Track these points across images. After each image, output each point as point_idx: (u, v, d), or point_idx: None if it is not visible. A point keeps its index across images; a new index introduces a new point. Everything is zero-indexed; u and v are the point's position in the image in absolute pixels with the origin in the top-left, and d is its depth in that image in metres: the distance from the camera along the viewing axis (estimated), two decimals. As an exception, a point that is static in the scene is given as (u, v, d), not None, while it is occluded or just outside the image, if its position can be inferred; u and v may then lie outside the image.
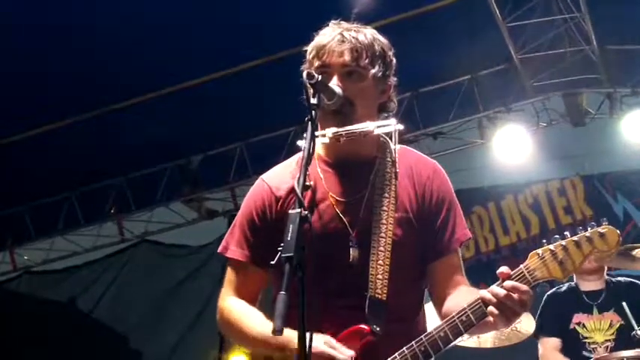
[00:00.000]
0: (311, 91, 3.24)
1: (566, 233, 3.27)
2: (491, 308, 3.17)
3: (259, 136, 12.28)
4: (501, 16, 10.03)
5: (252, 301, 3.62)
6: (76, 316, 13.75)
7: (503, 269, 3.22)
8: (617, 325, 7.26)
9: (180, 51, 9.92)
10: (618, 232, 3.25)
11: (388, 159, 3.58)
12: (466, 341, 7.16)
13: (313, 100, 3.21)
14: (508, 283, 3.17)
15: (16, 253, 13.95)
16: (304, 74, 3.24)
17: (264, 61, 10.28)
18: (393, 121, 3.55)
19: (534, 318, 7.43)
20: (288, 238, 2.87)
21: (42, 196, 12.96)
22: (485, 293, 3.20)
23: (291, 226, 2.89)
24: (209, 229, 13.24)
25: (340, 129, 3.43)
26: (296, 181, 3.06)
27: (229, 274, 3.68)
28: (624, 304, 7.07)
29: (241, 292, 3.62)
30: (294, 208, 2.95)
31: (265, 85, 10.15)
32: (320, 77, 3.25)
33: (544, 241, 3.28)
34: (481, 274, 11.68)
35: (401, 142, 3.65)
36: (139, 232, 13.67)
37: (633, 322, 6.91)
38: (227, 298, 3.63)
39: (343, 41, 3.51)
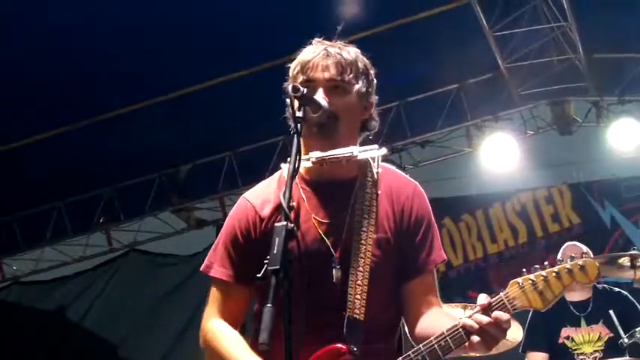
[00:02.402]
0: (296, 104, 3.27)
1: (546, 263, 3.28)
2: (473, 336, 3.19)
3: (248, 146, 12.28)
4: (488, 26, 10.06)
5: (235, 320, 3.63)
6: (66, 326, 13.74)
7: (483, 300, 3.23)
8: (606, 338, 7.29)
9: (168, 61, 9.90)
10: (597, 264, 3.26)
11: (369, 179, 3.58)
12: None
13: (299, 113, 3.24)
14: (494, 313, 3.19)
15: (5, 263, 13.95)
16: (289, 88, 3.26)
17: (252, 71, 10.29)
18: (375, 146, 3.55)
19: (523, 327, 7.45)
20: (274, 251, 2.89)
21: (30, 206, 12.94)
22: (467, 320, 3.20)
23: (277, 239, 2.92)
24: (198, 238, 13.24)
25: (324, 154, 3.45)
26: (282, 194, 3.09)
27: (213, 293, 3.68)
28: (611, 312, 7.10)
29: (225, 312, 3.63)
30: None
31: (254, 94, 10.14)
32: (305, 90, 3.28)
33: (524, 270, 3.29)
34: (469, 281, 11.75)
35: (389, 150, 3.68)
36: (128, 242, 13.66)
37: (620, 331, 6.95)
38: (210, 320, 3.64)
39: (328, 56, 3.53)
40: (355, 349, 3.35)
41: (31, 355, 13.16)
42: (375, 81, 3.69)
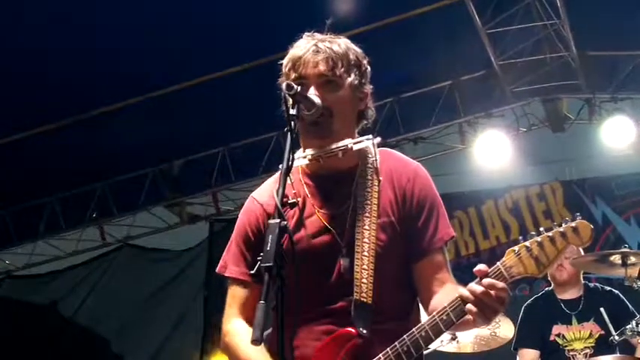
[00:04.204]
0: (290, 102, 3.29)
1: (542, 229, 3.30)
2: (469, 306, 3.20)
3: (241, 141, 12.29)
4: (481, 23, 10.09)
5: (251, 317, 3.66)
6: (58, 320, 13.73)
7: (481, 267, 3.26)
8: (597, 335, 7.32)
9: (162, 56, 9.92)
10: (591, 226, 3.28)
11: (369, 166, 3.60)
12: (445, 346, 7.20)
13: (292, 111, 3.26)
14: (485, 281, 3.20)
15: (-2, 257, 13.97)
16: (283, 86, 3.28)
17: (245, 67, 10.31)
18: (369, 136, 3.57)
19: (514, 325, 7.49)
20: (268, 248, 2.93)
21: (23, 201, 12.94)
22: (463, 291, 3.23)
23: (270, 236, 2.96)
24: (191, 233, 13.29)
25: (319, 151, 3.49)
26: (275, 192, 3.12)
27: (231, 293, 3.69)
28: (602, 309, 7.13)
29: (244, 311, 3.62)
30: (274, 219, 3.03)
31: (247, 90, 10.15)
32: (299, 88, 3.29)
33: (520, 237, 3.30)
34: (461, 277, 11.73)
35: (382, 146, 3.69)
36: (121, 237, 13.67)
37: (611, 328, 6.98)
38: (230, 320, 3.63)
39: (318, 52, 3.53)
40: (364, 331, 3.38)
41: (23, 349, 13.15)
42: (368, 70, 3.70)
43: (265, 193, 3.71)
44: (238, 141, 12.31)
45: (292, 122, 3.24)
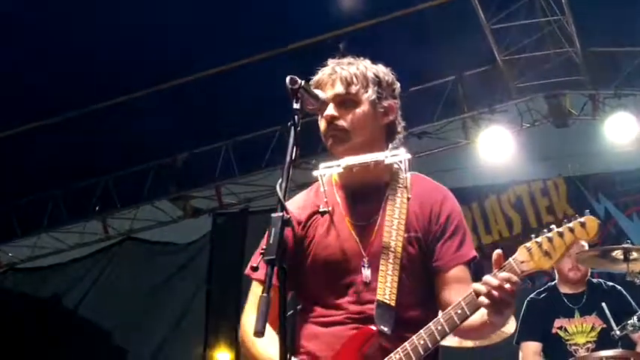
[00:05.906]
0: (294, 96, 3.35)
1: (553, 226, 3.37)
2: (482, 298, 3.25)
3: (245, 135, 12.31)
4: (485, 18, 10.09)
5: (274, 319, 3.70)
6: (61, 313, 13.77)
7: (499, 251, 3.33)
8: (599, 329, 7.33)
9: (166, 50, 9.94)
10: (598, 221, 3.37)
11: (400, 184, 3.74)
12: (447, 341, 7.20)
13: (296, 105, 3.32)
14: (502, 274, 3.26)
15: (1, 250, 13.96)
16: (287, 80, 3.34)
17: (249, 61, 10.30)
18: (402, 150, 3.73)
19: (516, 318, 7.50)
20: (271, 242, 2.97)
21: (27, 194, 12.96)
22: (477, 285, 3.29)
23: (273, 229, 3.00)
24: (194, 227, 13.32)
25: (353, 160, 3.63)
26: (278, 185, 3.15)
27: (253, 290, 3.74)
28: (604, 304, 7.15)
29: None
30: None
31: (251, 84, 10.16)
32: (302, 82, 3.36)
33: (533, 235, 3.38)
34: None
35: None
36: (124, 230, 13.70)
37: (612, 323, 6.99)
38: (247, 314, 3.70)
39: (333, 74, 3.70)
40: (386, 329, 3.46)
41: (26, 342, 13.18)
42: (394, 84, 3.86)
43: (297, 202, 3.84)
44: (242, 135, 12.32)
45: (296, 116, 3.30)
